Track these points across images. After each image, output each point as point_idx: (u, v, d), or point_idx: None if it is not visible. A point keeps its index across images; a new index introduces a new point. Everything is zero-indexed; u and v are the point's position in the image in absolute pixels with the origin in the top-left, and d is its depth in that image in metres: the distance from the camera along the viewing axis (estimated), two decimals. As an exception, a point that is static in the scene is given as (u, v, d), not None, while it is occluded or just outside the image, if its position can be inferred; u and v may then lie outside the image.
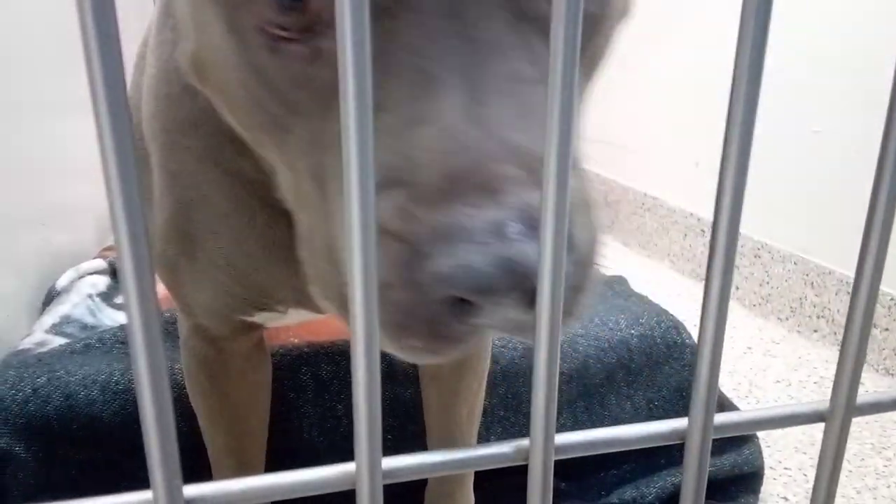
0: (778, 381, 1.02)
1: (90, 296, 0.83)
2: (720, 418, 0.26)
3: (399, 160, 0.24)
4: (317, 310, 0.44)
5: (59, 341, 0.73)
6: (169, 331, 0.63)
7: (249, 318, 0.46)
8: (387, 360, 0.68)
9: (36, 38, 0.92)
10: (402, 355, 0.26)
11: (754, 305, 1.25)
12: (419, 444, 0.65)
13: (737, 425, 0.26)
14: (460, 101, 0.24)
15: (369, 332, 0.19)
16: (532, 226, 0.22)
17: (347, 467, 0.21)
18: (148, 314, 0.17)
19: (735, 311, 1.26)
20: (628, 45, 1.51)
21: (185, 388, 0.56)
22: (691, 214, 1.42)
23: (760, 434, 0.87)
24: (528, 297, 0.23)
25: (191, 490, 0.20)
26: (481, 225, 0.22)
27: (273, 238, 0.40)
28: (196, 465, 0.58)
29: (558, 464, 0.23)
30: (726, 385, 1.01)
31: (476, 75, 0.25)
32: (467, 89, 0.25)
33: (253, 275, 0.42)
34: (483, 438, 0.69)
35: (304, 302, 0.43)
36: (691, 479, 0.25)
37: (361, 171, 0.17)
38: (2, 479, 0.65)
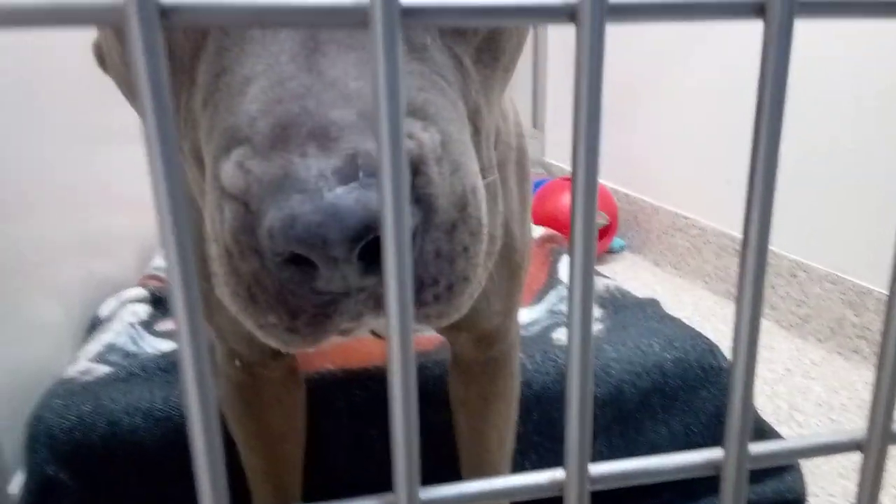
0: (819, 405, 1.00)
1: (132, 324, 0.85)
2: (755, 448, 0.26)
3: (238, 118, 0.23)
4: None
5: (102, 369, 0.75)
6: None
7: None
8: (421, 386, 0.69)
9: (77, 69, 0.96)
10: (266, 338, 0.24)
11: (792, 326, 1.23)
12: (453, 469, 0.65)
13: (772, 456, 0.26)
14: (296, 53, 0.24)
15: (405, 360, 0.19)
16: (366, 172, 0.21)
17: (387, 498, 0.22)
18: (198, 344, 0.18)
19: (772, 332, 1.23)
20: (659, 62, 1.52)
21: (223, 414, 0.57)
22: (724, 234, 1.41)
23: (802, 460, 0.85)
24: (359, 247, 0.21)
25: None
26: (309, 173, 0.21)
27: None
28: (235, 494, 0.59)
29: (595, 492, 0.23)
30: (766, 409, 0.99)
31: (316, 31, 0.24)
32: (304, 42, 0.24)
33: None
34: (518, 465, 0.69)
35: None
36: (727, 509, 0.25)
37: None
38: (48, 505, 0.66)
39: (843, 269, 1.14)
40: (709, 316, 1.31)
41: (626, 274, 1.55)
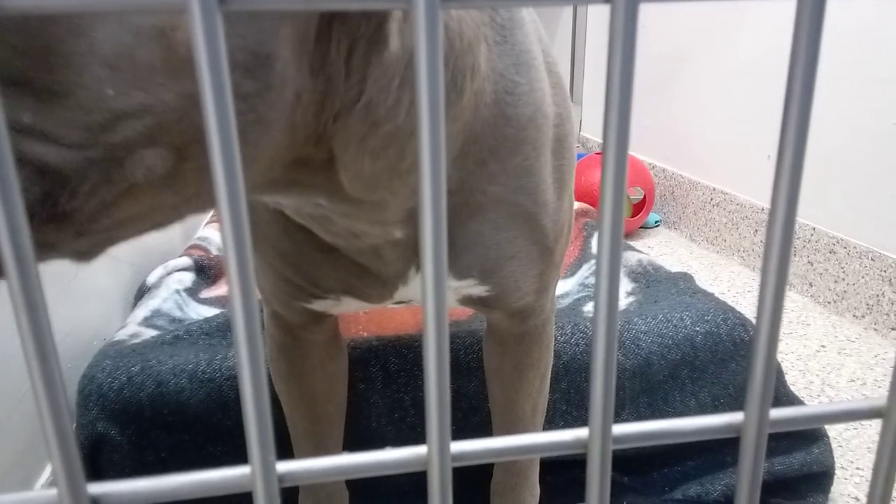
0: (852, 381, 0.99)
1: (177, 291, 0.89)
2: (776, 413, 0.26)
3: None
4: (365, 298, 0.49)
5: (150, 333, 0.78)
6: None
7: (308, 305, 0.50)
8: (452, 355, 0.70)
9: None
10: None
11: (829, 302, 1.22)
12: (482, 435, 0.67)
13: (792, 420, 0.27)
14: None
15: (439, 314, 0.21)
16: None
17: (420, 450, 0.23)
18: (249, 307, 0.20)
19: (809, 308, 1.22)
20: (699, 37, 1.50)
21: (268, 373, 0.60)
22: (762, 209, 1.39)
23: (832, 434, 0.85)
24: None
25: (282, 466, 0.23)
26: None
27: (301, 240, 0.47)
28: (279, 452, 0.61)
29: (622, 458, 0.24)
30: (798, 384, 0.99)
31: None
32: None
33: (295, 266, 0.48)
34: (545, 431, 0.70)
35: (352, 291, 0.48)
36: (746, 472, 0.26)
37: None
38: (99, 461, 0.70)
39: (883, 245, 1.12)
40: (744, 292, 1.30)
41: (662, 249, 1.54)
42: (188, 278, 0.93)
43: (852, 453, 0.83)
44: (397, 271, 0.46)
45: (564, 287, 0.92)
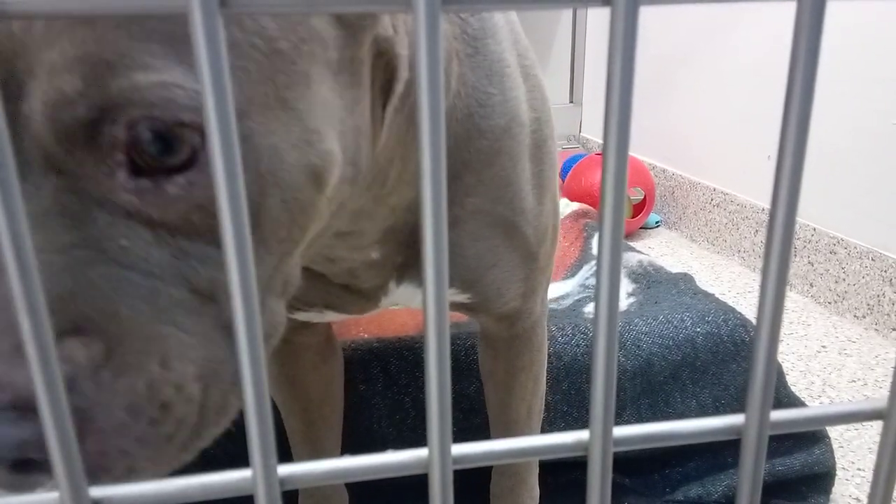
0: (853, 381, 0.99)
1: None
2: (776, 415, 0.26)
3: None
4: (347, 312, 0.49)
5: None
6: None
7: (291, 315, 0.51)
8: (452, 356, 0.70)
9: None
10: None
11: (829, 303, 1.22)
12: (483, 436, 0.67)
13: (793, 422, 0.27)
14: None
15: (440, 322, 0.21)
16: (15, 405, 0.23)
17: (420, 452, 0.23)
18: (250, 309, 0.20)
19: (809, 308, 1.22)
20: (699, 37, 1.51)
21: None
22: (763, 210, 1.39)
23: (833, 434, 0.85)
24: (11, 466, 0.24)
25: (283, 469, 0.23)
26: None
27: None
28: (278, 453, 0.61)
29: (623, 460, 0.24)
30: (799, 384, 0.99)
31: None
32: None
33: None
34: (546, 433, 0.70)
35: (333, 306, 0.48)
36: (747, 474, 0.26)
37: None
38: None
39: (884, 245, 1.12)
40: (745, 292, 1.30)
41: (662, 249, 1.54)
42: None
43: (853, 454, 0.83)
44: (376, 286, 0.46)
45: (565, 288, 0.92)
